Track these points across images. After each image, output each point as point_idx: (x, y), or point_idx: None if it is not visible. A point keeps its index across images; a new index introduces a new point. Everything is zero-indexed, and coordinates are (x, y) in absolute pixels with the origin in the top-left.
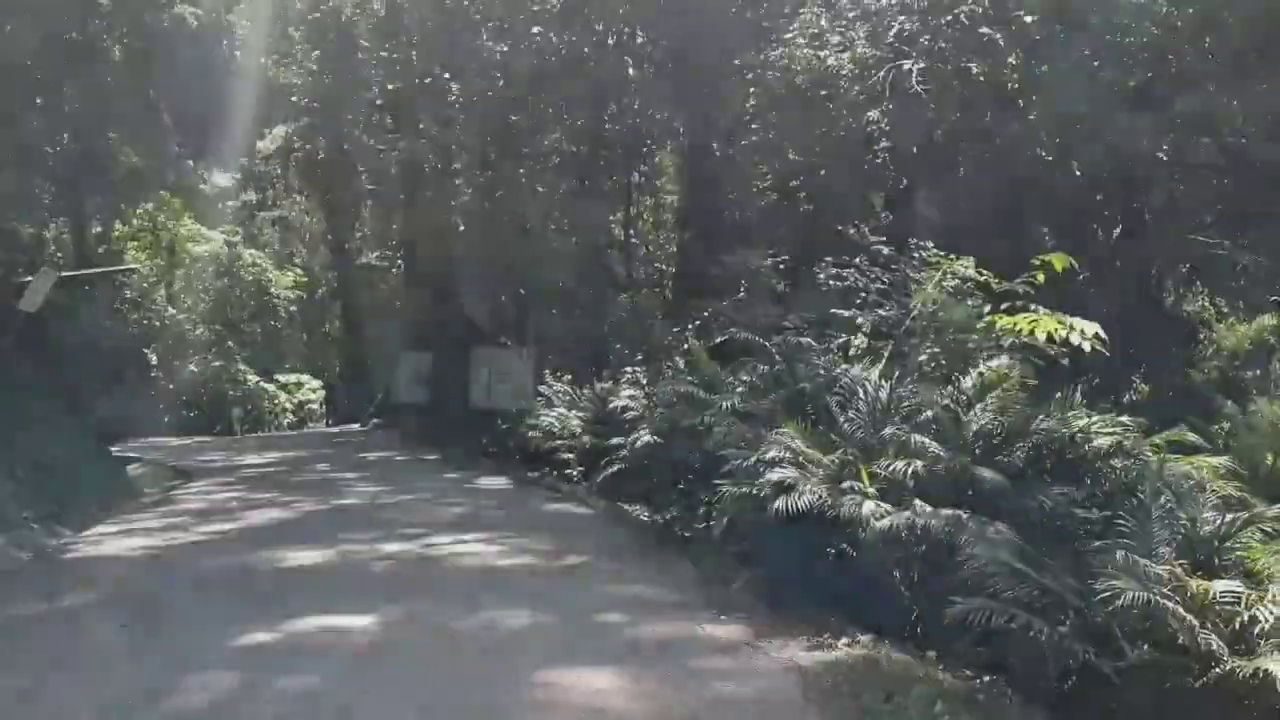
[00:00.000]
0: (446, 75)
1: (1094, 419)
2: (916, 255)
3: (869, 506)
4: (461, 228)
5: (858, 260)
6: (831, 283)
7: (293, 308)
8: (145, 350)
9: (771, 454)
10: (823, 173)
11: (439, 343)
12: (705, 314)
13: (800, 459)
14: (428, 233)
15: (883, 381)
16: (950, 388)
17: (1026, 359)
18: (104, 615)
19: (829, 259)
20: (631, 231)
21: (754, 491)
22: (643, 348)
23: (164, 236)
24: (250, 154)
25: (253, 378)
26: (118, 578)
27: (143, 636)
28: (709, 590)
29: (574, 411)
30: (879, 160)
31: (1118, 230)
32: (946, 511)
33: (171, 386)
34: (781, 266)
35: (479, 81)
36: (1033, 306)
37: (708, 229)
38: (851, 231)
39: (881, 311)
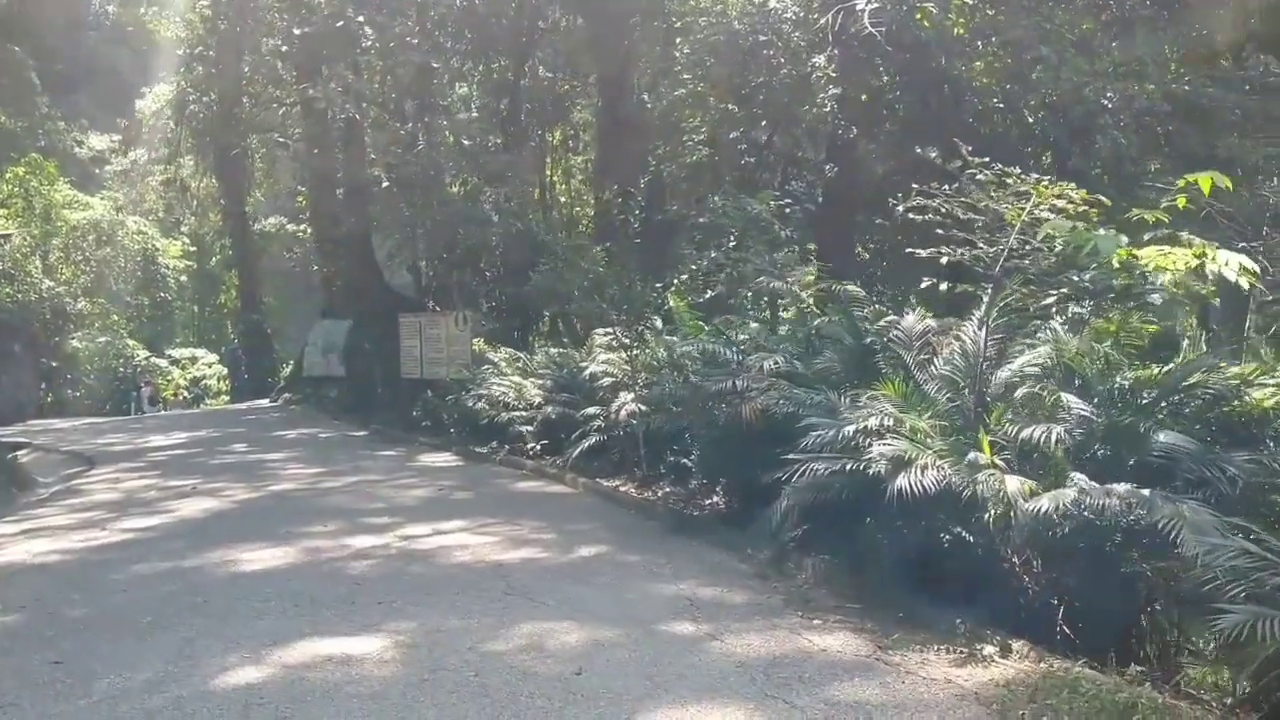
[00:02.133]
0: (360, 19)
1: (1252, 368)
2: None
3: (1013, 484)
4: (384, 183)
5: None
6: (914, 216)
7: (183, 278)
8: (31, 323)
9: (873, 422)
10: (763, 124)
11: (356, 311)
12: (695, 266)
13: (909, 428)
14: (338, 192)
15: (982, 331)
16: (1081, 336)
17: (1175, 299)
18: (25, 649)
19: (915, 186)
20: (551, 191)
21: (859, 467)
22: (623, 307)
23: (37, 203)
24: (132, 114)
25: (142, 353)
26: (34, 595)
27: (86, 679)
28: (772, 585)
29: (530, 380)
30: (826, 109)
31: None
32: (1122, 487)
33: (54, 364)
34: (789, 211)
35: (394, 25)
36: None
37: (629, 184)
38: (934, 155)
39: (975, 249)
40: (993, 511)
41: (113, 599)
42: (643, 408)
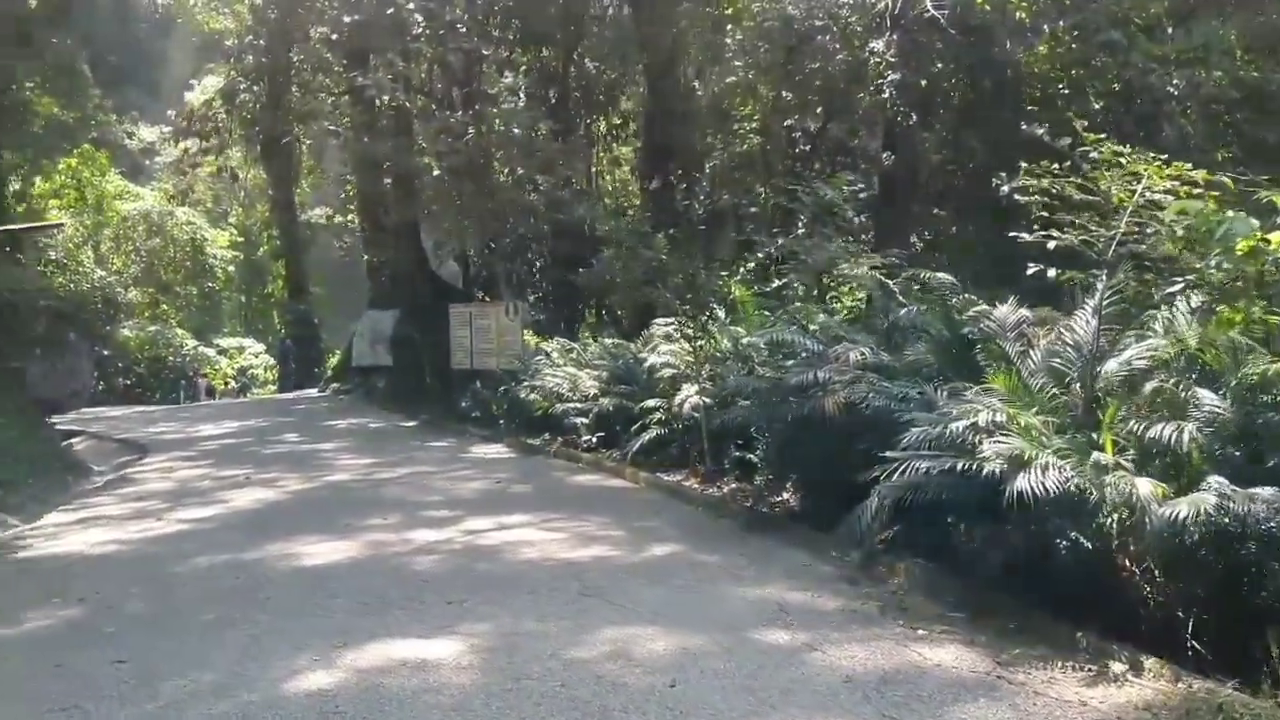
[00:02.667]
0: (410, 5)
1: None
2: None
3: (1145, 487)
4: (435, 171)
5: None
6: (1026, 198)
7: (230, 268)
8: (84, 311)
9: (982, 418)
10: (818, 110)
11: (404, 301)
12: (762, 255)
13: (1021, 425)
14: (386, 182)
15: (1095, 320)
16: (1203, 326)
17: None
18: (85, 646)
19: (1023, 164)
20: (599, 180)
21: (970, 467)
22: (686, 296)
23: (89, 193)
24: (180, 105)
25: (191, 342)
26: (92, 586)
27: (150, 680)
28: (863, 590)
29: (585, 371)
30: (884, 95)
31: None
32: (1267, 491)
33: (106, 353)
34: (863, 196)
35: (444, 13)
36: None
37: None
38: (1041, 131)
39: (1086, 234)
40: (1115, 516)
41: (173, 593)
42: (706, 400)
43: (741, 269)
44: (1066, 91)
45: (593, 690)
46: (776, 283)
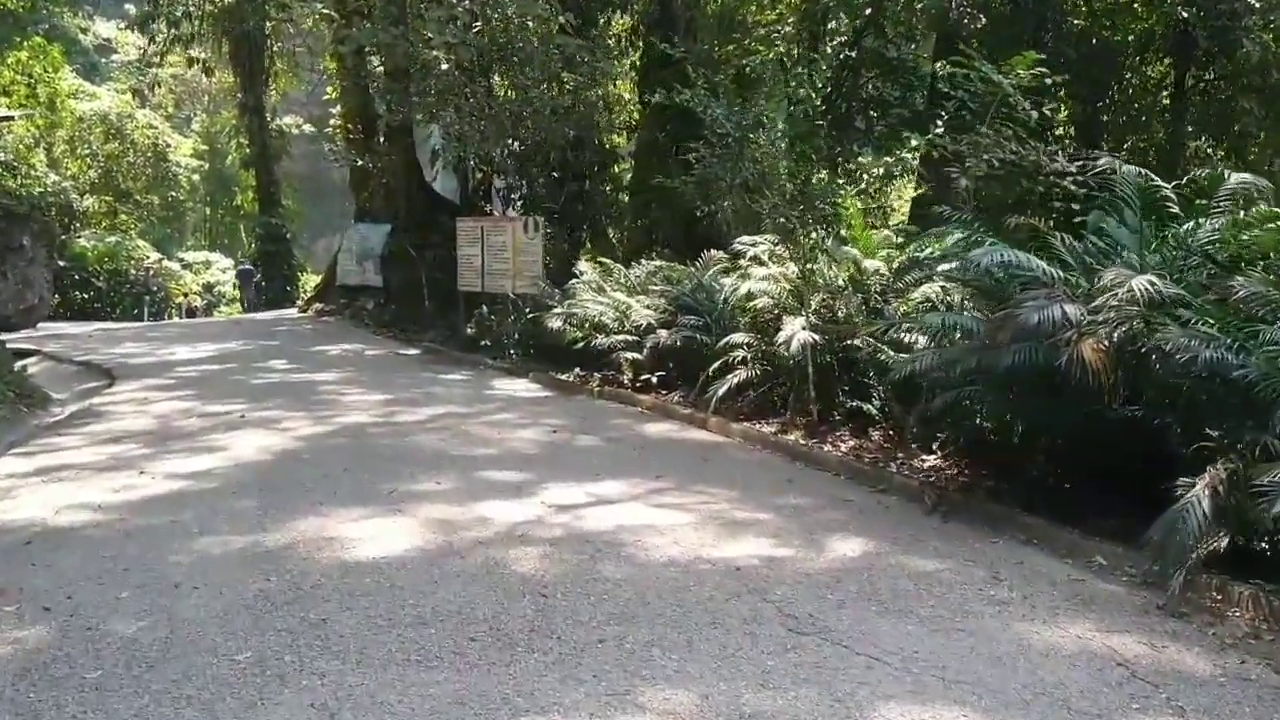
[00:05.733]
0: None
1: None
2: None
3: None
4: (444, 64)
5: None
6: None
7: (195, 177)
8: (39, 215)
9: None
10: (867, 12)
11: (395, 215)
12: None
13: None
14: (374, 84)
15: None
16: None
17: None
18: (54, 709)
19: None
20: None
21: None
22: (798, 209)
23: (41, 91)
24: None
25: (153, 255)
26: (59, 582)
27: None
28: (1211, 633)
29: (638, 299)
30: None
31: None
32: None
33: (61, 264)
34: (1050, 82)
35: None
36: None
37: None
38: None
39: None
40: None
41: (181, 605)
42: (816, 338)
43: (863, 175)
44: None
45: None
46: (914, 191)
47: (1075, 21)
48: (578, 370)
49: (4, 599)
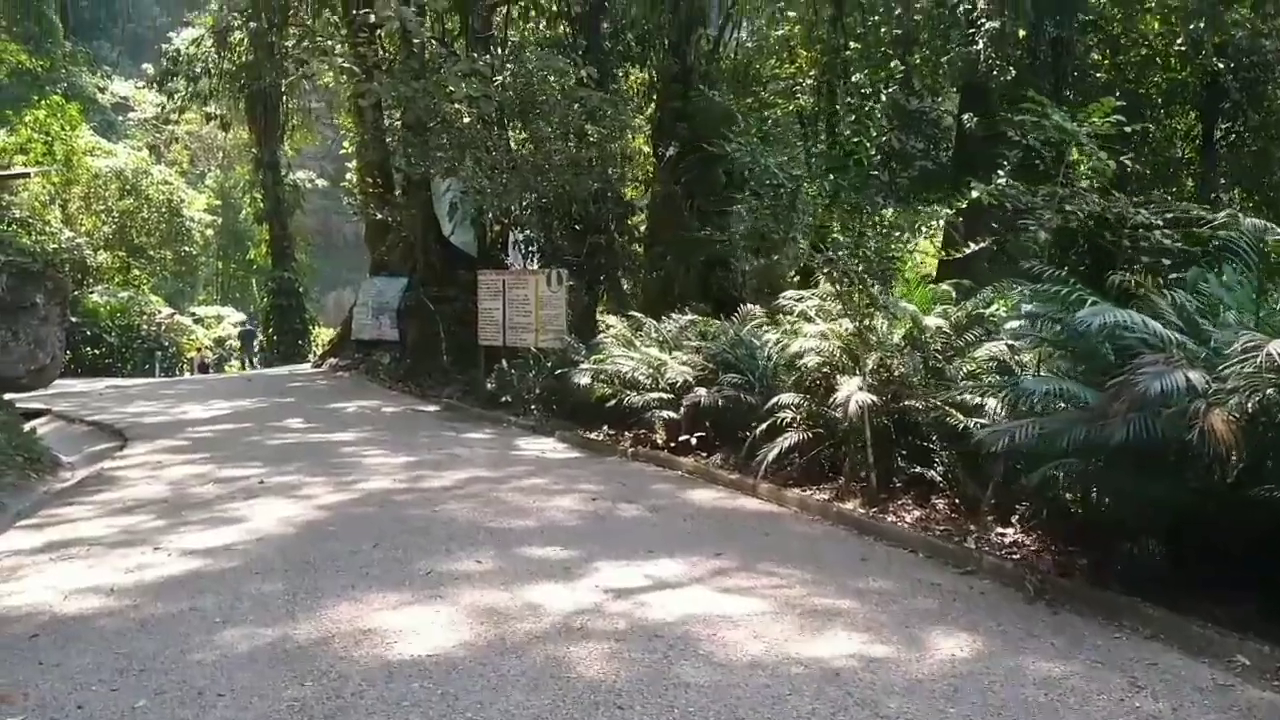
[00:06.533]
0: None
1: None
2: None
3: None
4: (466, 118)
5: None
6: None
7: (209, 232)
8: (53, 272)
9: None
10: (894, 65)
11: (414, 268)
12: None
13: None
14: (389, 140)
15: None
16: None
17: None
18: None
19: None
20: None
21: None
22: (854, 259)
23: (58, 148)
24: (158, 59)
25: (165, 310)
26: (68, 687)
27: None
28: None
29: (675, 354)
30: (976, 46)
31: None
32: None
33: (74, 320)
34: (1127, 129)
35: None
36: None
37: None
38: None
39: None
40: None
41: (206, 719)
42: (873, 399)
43: (921, 225)
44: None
45: None
46: (971, 247)
47: (1098, 75)
48: (606, 429)
49: (8, 705)
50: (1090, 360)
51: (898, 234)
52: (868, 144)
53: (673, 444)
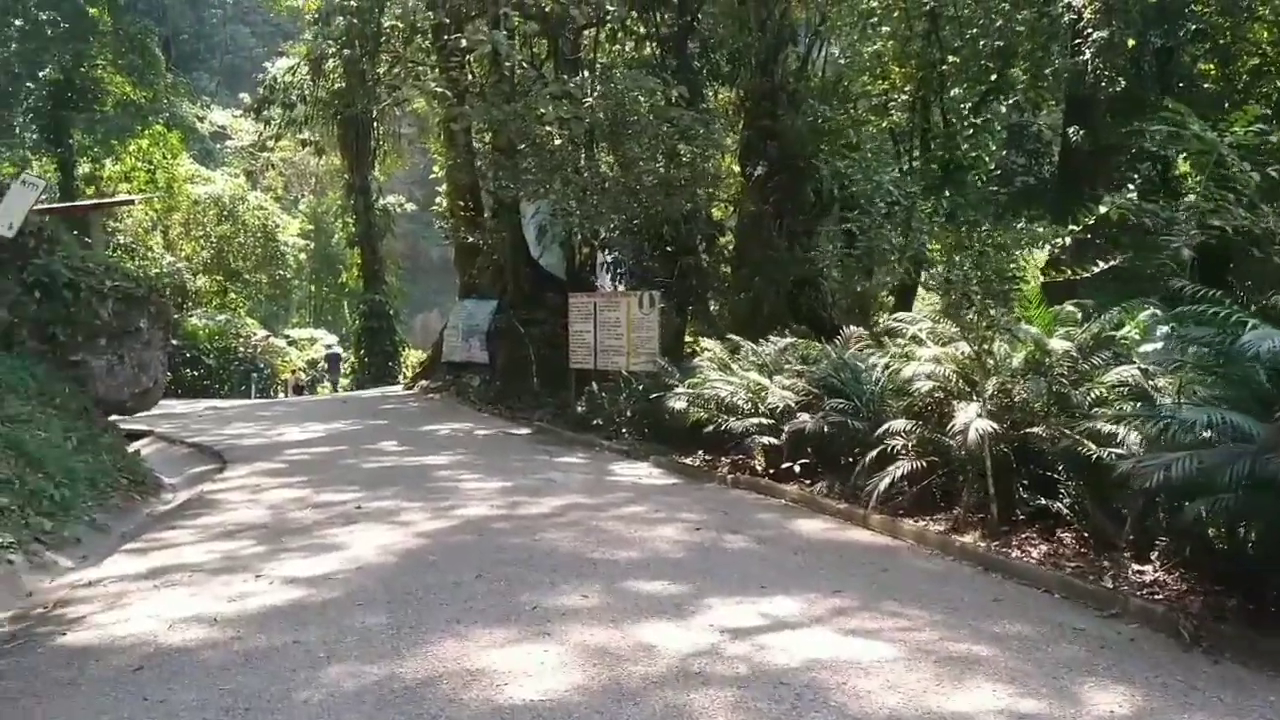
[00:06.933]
0: None
1: None
2: None
3: None
4: (558, 139)
5: None
6: None
7: (301, 256)
8: (156, 297)
9: None
10: (992, 79)
11: (502, 291)
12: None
13: None
14: (478, 162)
15: None
16: None
17: None
18: None
19: None
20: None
21: None
22: (973, 279)
23: (160, 176)
24: (254, 90)
25: (260, 332)
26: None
27: None
28: None
29: (778, 379)
30: (1082, 56)
31: None
32: None
33: (175, 343)
34: (1275, 140)
35: None
36: None
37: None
38: None
39: None
40: None
41: None
42: (994, 426)
43: (1044, 242)
44: None
45: None
46: (1102, 264)
47: (1206, 86)
48: (702, 455)
49: None
50: (1244, 387)
51: (1016, 253)
52: (986, 158)
53: (772, 471)
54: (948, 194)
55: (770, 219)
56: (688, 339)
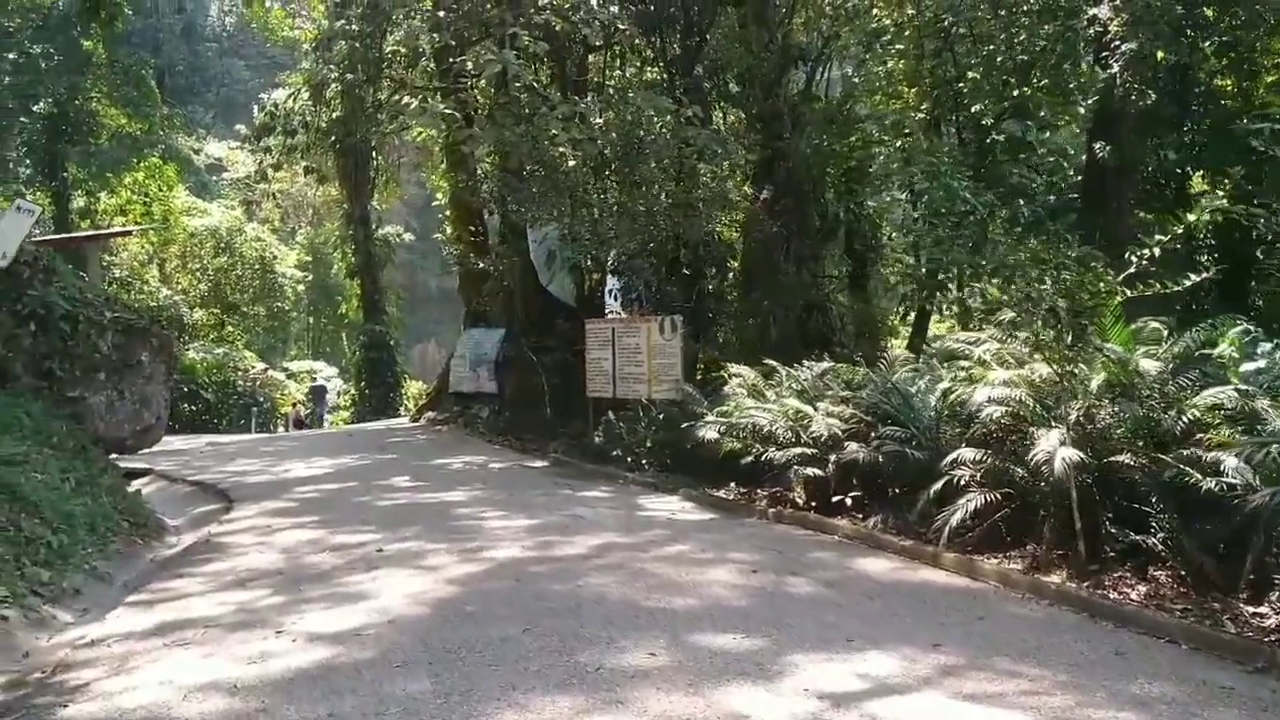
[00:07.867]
0: None
1: None
2: None
3: None
4: (571, 160)
5: None
6: None
7: (300, 287)
8: (158, 329)
9: None
10: (1015, 95)
11: (510, 319)
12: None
13: None
14: (484, 186)
15: None
16: None
17: None
18: None
19: None
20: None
21: None
22: (1057, 296)
23: (156, 208)
24: (249, 119)
25: (259, 365)
26: None
27: None
28: None
29: (822, 406)
30: (1110, 71)
31: None
32: None
33: (175, 377)
34: None
35: None
36: None
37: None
38: None
39: None
40: None
41: None
42: (1082, 455)
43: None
44: None
45: None
46: (1194, 276)
47: (1225, 103)
48: (736, 487)
49: None
50: None
51: (1096, 268)
52: (1065, 164)
53: (815, 504)
54: (1020, 203)
55: (779, 242)
56: (702, 363)
